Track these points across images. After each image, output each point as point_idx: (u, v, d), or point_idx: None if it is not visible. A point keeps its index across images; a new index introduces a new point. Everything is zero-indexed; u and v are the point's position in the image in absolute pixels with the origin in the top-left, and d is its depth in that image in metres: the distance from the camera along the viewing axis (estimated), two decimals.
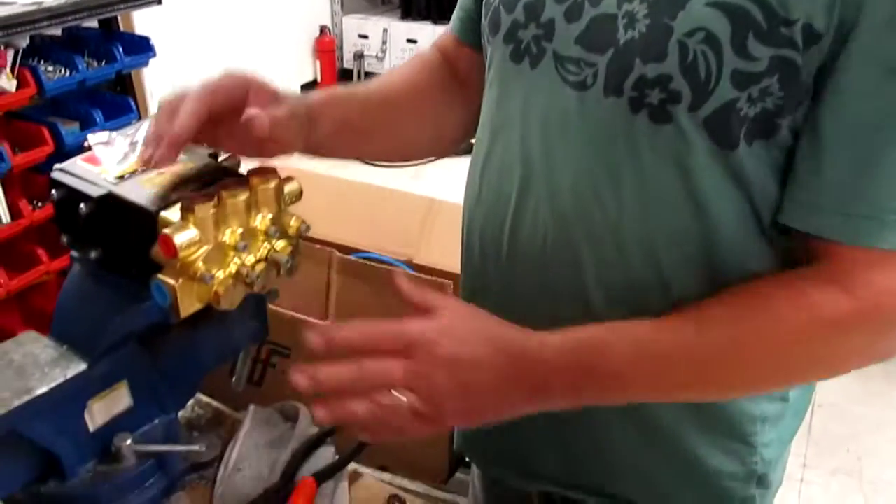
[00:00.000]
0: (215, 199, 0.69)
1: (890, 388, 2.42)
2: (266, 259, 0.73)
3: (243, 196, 0.70)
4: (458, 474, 1.95)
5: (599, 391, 0.68)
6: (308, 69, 5.63)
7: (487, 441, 0.90)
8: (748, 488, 0.82)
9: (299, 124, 0.76)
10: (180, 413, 0.86)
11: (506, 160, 0.77)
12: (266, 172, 0.75)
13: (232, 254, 0.71)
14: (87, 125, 2.10)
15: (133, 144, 0.81)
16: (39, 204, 2.08)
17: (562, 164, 0.72)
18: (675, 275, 0.71)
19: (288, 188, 0.75)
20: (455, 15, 0.94)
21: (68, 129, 2.05)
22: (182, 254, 0.67)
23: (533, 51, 0.74)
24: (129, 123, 2.15)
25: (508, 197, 0.77)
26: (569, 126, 0.71)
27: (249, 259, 0.72)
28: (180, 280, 0.69)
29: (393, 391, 0.65)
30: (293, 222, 0.75)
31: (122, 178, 0.76)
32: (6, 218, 1.16)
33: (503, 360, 0.67)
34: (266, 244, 0.74)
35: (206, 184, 0.72)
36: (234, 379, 0.97)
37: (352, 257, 1.81)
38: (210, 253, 0.69)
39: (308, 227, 0.76)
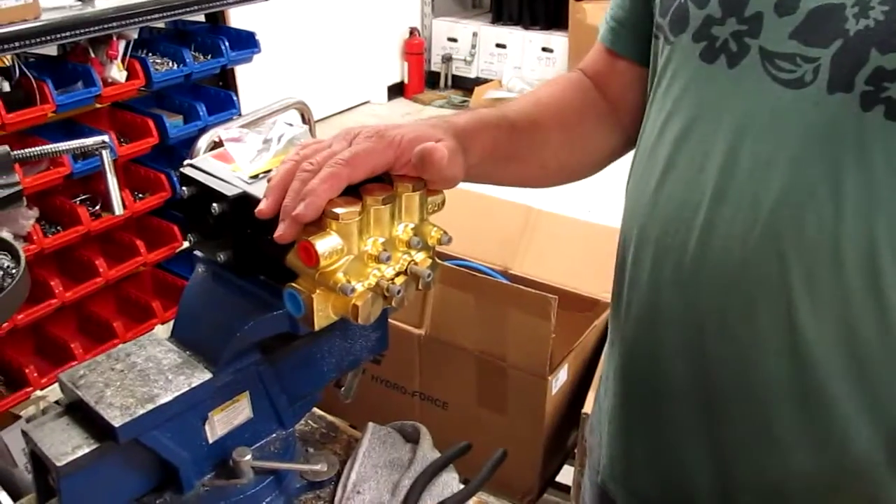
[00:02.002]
0: (360, 204, 0.64)
1: None
2: (406, 272, 0.68)
3: (389, 203, 0.65)
4: (546, 494, 1.88)
5: None
6: (396, 70, 5.64)
7: (639, 478, 0.83)
8: None
9: (460, 155, 0.72)
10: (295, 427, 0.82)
11: (694, 168, 0.71)
12: (405, 179, 0.69)
13: (373, 265, 0.65)
14: (191, 119, 2.11)
15: (267, 142, 0.77)
16: (140, 195, 2.10)
17: (769, 171, 0.65)
18: (891, 287, 0.64)
19: (431, 196, 0.70)
20: (606, 24, 0.88)
21: (172, 121, 2.06)
22: (323, 263, 0.62)
23: (732, 48, 0.68)
24: (230, 119, 2.16)
25: (696, 207, 0.70)
26: (780, 129, 0.65)
27: (390, 271, 0.67)
28: (318, 290, 0.64)
29: None
30: (434, 233, 0.70)
31: (255, 177, 0.72)
32: (119, 209, 1.14)
33: None
34: (406, 255, 0.68)
35: (348, 188, 0.67)
36: (342, 389, 0.92)
37: (448, 264, 1.76)
38: (351, 263, 0.64)
39: (450, 239, 0.70)
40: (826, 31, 0.62)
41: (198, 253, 0.77)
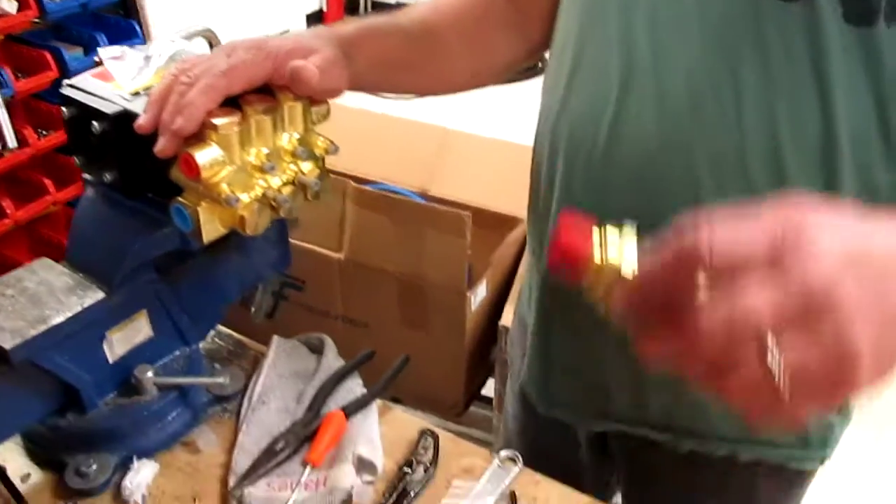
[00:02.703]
0: (239, 115, 0.64)
1: None
2: (293, 182, 0.69)
3: (270, 113, 0.65)
4: (472, 407, 1.94)
5: None
6: None
7: (559, 382, 0.87)
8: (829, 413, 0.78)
9: (341, 65, 0.71)
10: (201, 345, 0.83)
11: (601, 62, 0.71)
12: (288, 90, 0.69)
13: (258, 175, 0.66)
14: (91, 50, 2.03)
15: (147, 59, 0.75)
16: (45, 133, 2.02)
17: (673, 60, 0.66)
18: (796, 179, 0.66)
19: (316, 107, 0.70)
20: None
21: (72, 53, 1.98)
22: (205, 174, 0.62)
23: None
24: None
25: (605, 101, 0.70)
26: (681, 16, 0.66)
27: (276, 181, 0.67)
28: (203, 203, 0.64)
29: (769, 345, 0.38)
30: (321, 143, 0.70)
31: (137, 94, 0.71)
32: (12, 142, 1.11)
33: None
34: (293, 166, 0.69)
35: (228, 100, 0.67)
36: (252, 310, 0.93)
37: (366, 187, 1.76)
38: (235, 174, 0.64)
39: (337, 148, 0.71)
40: None
41: (85, 175, 0.76)
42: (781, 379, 0.37)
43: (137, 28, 2.11)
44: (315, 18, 5.48)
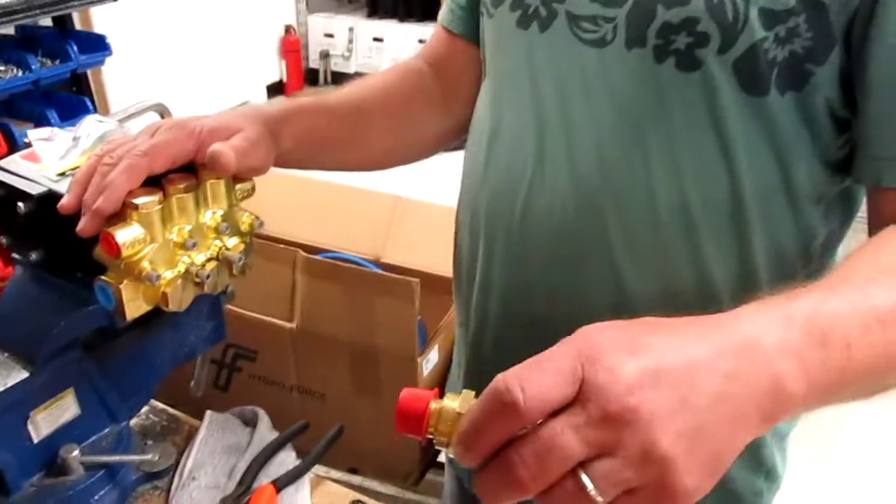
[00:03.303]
0: (160, 194, 0.65)
1: None
2: (217, 257, 0.70)
3: (191, 192, 0.67)
4: (428, 475, 1.93)
5: (830, 379, 0.46)
6: (274, 69, 5.57)
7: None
8: (756, 481, 0.80)
9: (266, 144, 0.73)
10: (134, 421, 0.82)
11: (517, 132, 0.74)
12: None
13: (180, 252, 0.67)
14: (42, 126, 2.04)
15: (75, 140, 0.77)
16: None
17: (582, 127, 0.70)
18: (705, 239, 0.69)
19: (240, 184, 0.71)
20: (445, 7, 0.91)
21: (22, 129, 1.99)
22: (126, 253, 0.63)
23: (542, 14, 0.72)
24: None
25: (521, 170, 0.73)
26: (588, 86, 0.69)
27: (199, 258, 0.68)
28: (125, 281, 0.65)
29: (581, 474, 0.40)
30: (245, 218, 0.72)
31: (63, 174, 0.72)
32: None
33: (715, 349, 0.43)
34: (217, 242, 0.70)
35: (152, 179, 0.69)
36: (192, 384, 0.93)
37: (317, 257, 1.77)
38: (156, 251, 0.65)
39: (262, 223, 0.72)
40: None
41: (14, 255, 0.77)
42: None
43: (89, 104, 2.13)
44: (275, 90, 5.56)
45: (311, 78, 5.79)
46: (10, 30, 2.10)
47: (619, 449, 0.39)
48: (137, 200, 0.64)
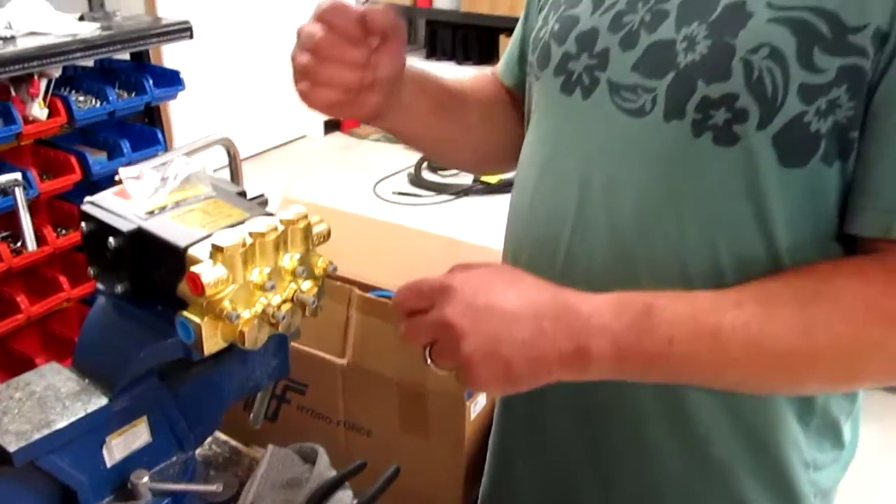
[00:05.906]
0: (244, 238, 0.69)
1: None
2: (292, 299, 0.73)
3: (273, 236, 0.70)
4: None
5: (645, 360, 0.63)
6: None
7: (521, 490, 0.88)
8: None
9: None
10: (198, 451, 0.85)
11: (560, 188, 0.77)
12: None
13: (259, 293, 0.70)
14: (115, 155, 2.13)
15: (164, 180, 0.81)
16: (64, 231, 2.10)
17: (622, 188, 0.72)
18: None
19: (317, 229, 0.75)
20: (503, 58, 0.97)
21: (96, 157, 2.07)
22: (209, 292, 0.66)
23: (585, 81, 0.75)
24: (155, 154, 2.17)
25: (563, 221, 0.76)
26: (628, 155, 0.72)
27: (276, 299, 0.71)
28: (206, 318, 0.68)
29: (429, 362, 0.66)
30: (320, 263, 0.75)
31: (151, 213, 0.76)
32: (32, 245, 1.16)
33: (541, 310, 0.62)
34: (293, 284, 0.73)
35: (236, 222, 0.72)
36: (251, 416, 0.96)
37: (371, 295, 1.81)
38: (237, 292, 0.68)
39: (335, 268, 0.76)
40: (661, 64, 0.69)
41: (99, 285, 0.81)
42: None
43: (160, 135, 2.21)
44: (332, 125, 5.67)
45: None
46: (89, 62, 2.20)
47: (438, 341, 0.64)
48: (223, 243, 0.67)
